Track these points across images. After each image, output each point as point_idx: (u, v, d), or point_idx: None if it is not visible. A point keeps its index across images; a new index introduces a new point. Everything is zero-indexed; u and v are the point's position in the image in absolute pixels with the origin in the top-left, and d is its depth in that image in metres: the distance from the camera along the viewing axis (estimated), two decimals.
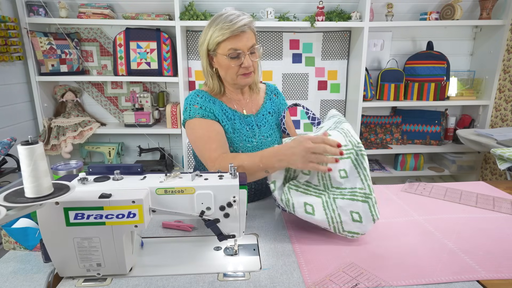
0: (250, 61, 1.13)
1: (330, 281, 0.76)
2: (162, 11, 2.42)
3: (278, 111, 1.32)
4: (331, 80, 2.70)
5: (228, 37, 1.08)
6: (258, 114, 1.26)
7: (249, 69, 1.14)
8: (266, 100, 1.30)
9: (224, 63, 1.13)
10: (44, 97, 2.43)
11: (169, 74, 2.43)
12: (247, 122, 1.22)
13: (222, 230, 0.82)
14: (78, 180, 0.77)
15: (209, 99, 1.19)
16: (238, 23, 1.07)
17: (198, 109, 1.15)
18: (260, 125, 1.25)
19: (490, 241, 0.92)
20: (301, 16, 2.49)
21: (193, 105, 1.16)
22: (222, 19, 1.09)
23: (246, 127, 1.22)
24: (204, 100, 1.18)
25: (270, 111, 1.29)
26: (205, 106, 1.16)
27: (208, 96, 1.20)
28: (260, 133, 1.23)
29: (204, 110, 1.15)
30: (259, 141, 1.22)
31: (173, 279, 0.77)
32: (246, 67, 1.12)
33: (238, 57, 1.11)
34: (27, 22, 2.23)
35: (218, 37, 1.09)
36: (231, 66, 1.12)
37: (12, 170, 1.87)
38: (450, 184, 1.34)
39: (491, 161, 2.62)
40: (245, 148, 1.19)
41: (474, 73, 2.66)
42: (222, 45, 1.10)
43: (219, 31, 1.08)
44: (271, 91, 1.34)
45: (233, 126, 1.19)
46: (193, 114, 1.15)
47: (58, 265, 0.76)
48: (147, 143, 2.71)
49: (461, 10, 2.38)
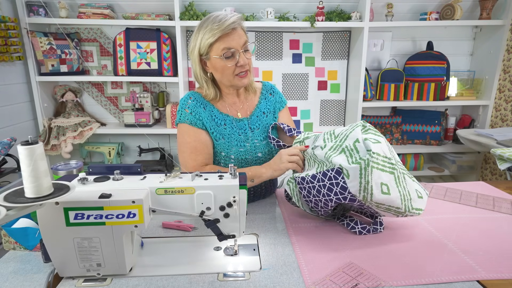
0: (245, 59, 1.12)
1: (330, 281, 0.76)
2: (162, 11, 2.42)
3: (273, 110, 1.29)
4: (331, 80, 2.70)
5: (219, 37, 1.07)
6: (252, 116, 1.24)
7: (245, 67, 1.13)
8: (261, 100, 1.28)
9: (219, 65, 1.11)
10: (44, 97, 2.43)
11: (169, 74, 2.43)
12: (239, 126, 1.21)
13: (222, 230, 0.82)
14: (78, 180, 0.77)
15: (200, 103, 1.18)
16: (227, 21, 1.06)
17: (188, 115, 1.16)
18: (253, 128, 1.23)
19: (490, 241, 0.92)
20: (301, 16, 2.49)
21: (184, 109, 1.17)
22: (210, 21, 1.08)
23: (238, 131, 1.20)
24: (195, 104, 1.17)
25: (265, 111, 1.27)
26: (195, 112, 1.16)
27: (200, 99, 1.19)
28: (254, 137, 1.22)
29: (193, 116, 1.16)
30: (252, 145, 1.21)
31: (173, 279, 0.77)
32: (242, 65, 1.11)
33: (232, 56, 1.10)
34: (27, 22, 2.23)
35: (209, 38, 1.07)
36: (227, 67, 1.11)
37: (12, 170, 1.87)
38: (450, 184, 1.34)
39: (491, 161, 2.62)
40: (238, 152, 1.19)
41: (474, 73, 2.66)
42: (215, 46, 1.09)
43: (209, 33, 1.07)
44: (266, 90, 1.32)
45: (222, 132, 1.18)
46: (183, 119, 1.17)
47: (58, 265, 0.76)
48: (147, 143, 2.71)
49: (461, 10, 2.38)
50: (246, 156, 1.20)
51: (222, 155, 1.19)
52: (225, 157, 1.19)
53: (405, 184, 0.90)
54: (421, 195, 0.95)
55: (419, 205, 0.92)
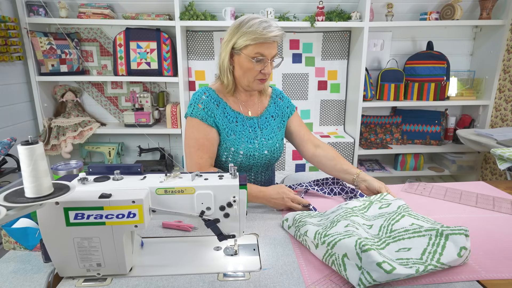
0: (271, 69, 1.19)
1: (330, 281, 0.76)
2: (162, 11, 2.42)
3: (281, 115, 1.36)
4: (331, 80, 2.70)
5: (259, 43, 1.13)
6: (262, 116, 1.30)
7: (267, 76, 1.20)
8: (270, 104, 1.35)
9: (246, 65, 1.17)
10: (44, 97, 2.43)
11: (169, 74, 2.43)
12: (249, 124, 1.27)
13: (222, 230, 0.82)
14: (78, 180, 0.77)
15: (214, 100, 1.22)
16: (272, 33, 1.13)
17: (200, 110, 1.19)
18: (262, 128, 1.29)
19: (490, 241, 0.92)
20: (301, 16, 2.49)
21: (197, 103, 1.20)
22: (255, 24, 1.13)
23: (249, 129, 1.26)
24: (209, 100, 1.21)
25: (273, 115, 1.33)
26: (208, 108, 1.20)
27: (214, 96, 1.23)
28: (262, 135, 1.28)
29: (206, 113, 1.19)
30: (260, 143, 1.26)
31: (173, 279, 0.77)
32: (265, 73, 1.18)
33: (262, 62, 1.16)
34: (27, 22, 2.23)
35: (249, 40, 1.13)
36: (253, 69, 1.17)
37: (12, 170, 1.87)
38: (450, 184, 1.34)
39: (491, 161, 2.62)
40: (247, 148, 1.23)
41: (474, 73, 2.66)
42: (250, 48, 1.14)
43: (251, 35, 1.12)
44: (276, 95, 1.39)
45: (233, 129, 1.23)
46: (195, 114, 1.20)
47: (58, 265, 0.76)
48: (147, 143, 2.71)
49: (461, 10, 2.38)
50: (254, 153, 1.24)
51: (231, 151, 1.23)
52: (234, 152, 1.23)
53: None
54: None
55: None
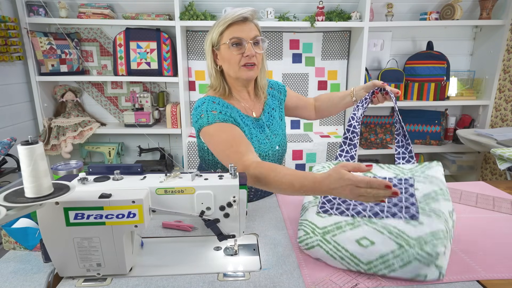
0: (252, 50, 1.10)
1: (330, 281, 0.76)
2: (162, 11, 2.42)
3: (279, 104, 1.34)
4: (331, 80, 2.70)
5: (230, 25, 1.09)
6: (264, 114, 1.27)
7: (252, 59, 1.11)
8: (268, 98, 1.32)
9: (226, 55, 1.12)
10: (44, 97, 2.43)
11: (169, 74, 2.43)
12: (258, 125, 1.24)
13: (222, 230, 0.82)
14: (78, 180, 0.77)
15: (227, 105, 1.15)
16: (239, 12, 1.09)
17: (217, 114, 1.09)
18: (269, 125, 1.27)
19: (490, 241, 0.92)
20: (301, 16, 2.49)
21: (211, 111, 1.10)
22: (224, 15, 1.12)
23: (259, 130, 1.23)
24: (222, 106, 1.13)
25: (273, 107, 1.31)
26: (224, 111, 1.12)
27: (224, 102, 1.16)
28: (271, 133, 1.26)
29: (224, 114, 1.10)
30: (271, 140, 1.25)
31: (173, 279, 0.77)
32: (248, 56, 1.10)
33: (240, 45, 1.10)
34: (27, 22, 2.23)
35: (220, 27, 1.10)
36: (233, 55, 1.10)
37: (12, 170, 1.87)
38: (450, 184, 1.34)
39: (491, 161, 2.62)
40: (259, 148, 1.18)
41: (474, 73, 2.66)
42: (225, 35, 1.11)
43: (222, 21, 1.11)
44: (269, 87, 1.34)
45: (250, 131, 1.18)
46: (212, 120, 1.08)
47: (58, 265, 0.76)
48: (147, 143, 2.71)
49: (461, 10, 2.38)
50: (268, 152, 1.22)
51: None
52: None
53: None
54: None
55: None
